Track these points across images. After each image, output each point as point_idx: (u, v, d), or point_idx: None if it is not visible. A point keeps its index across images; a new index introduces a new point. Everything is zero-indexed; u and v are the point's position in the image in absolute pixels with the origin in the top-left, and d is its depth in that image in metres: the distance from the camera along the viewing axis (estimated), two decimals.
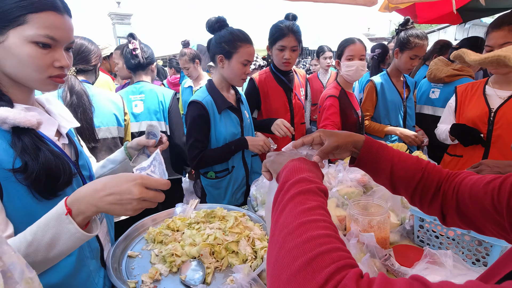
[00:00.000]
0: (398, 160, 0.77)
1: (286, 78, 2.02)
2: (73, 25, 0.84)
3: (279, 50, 1.88)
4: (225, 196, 1.70)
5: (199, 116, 1.56)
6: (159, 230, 1.17)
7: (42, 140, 0.81)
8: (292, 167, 0.61)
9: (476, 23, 8.77)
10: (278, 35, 1.85)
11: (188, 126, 1.60)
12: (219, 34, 1.56)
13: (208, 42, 1.65)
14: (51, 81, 0.81)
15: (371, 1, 1.94)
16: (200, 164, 1.60)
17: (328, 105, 2.03)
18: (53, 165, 0.77)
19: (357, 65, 1.98)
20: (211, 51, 1.62)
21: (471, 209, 0.67)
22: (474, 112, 1.74)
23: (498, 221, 0.61)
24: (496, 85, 1.71)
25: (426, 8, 3.07)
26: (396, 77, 2.30)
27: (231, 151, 1.62)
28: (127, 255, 1.09)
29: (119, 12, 11.84)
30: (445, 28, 12.90)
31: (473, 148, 1.77)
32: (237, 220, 1.18)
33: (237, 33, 1.55)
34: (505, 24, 1.52)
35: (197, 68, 2.92)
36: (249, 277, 0.85)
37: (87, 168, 0.99)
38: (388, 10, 2.74)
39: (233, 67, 1.56)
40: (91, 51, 1.65)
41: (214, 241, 1.06)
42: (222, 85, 1.66)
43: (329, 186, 1.33)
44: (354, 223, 1.08)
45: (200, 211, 1.29)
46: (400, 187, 0.79)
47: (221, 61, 1.57)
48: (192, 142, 1.58)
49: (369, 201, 1.16)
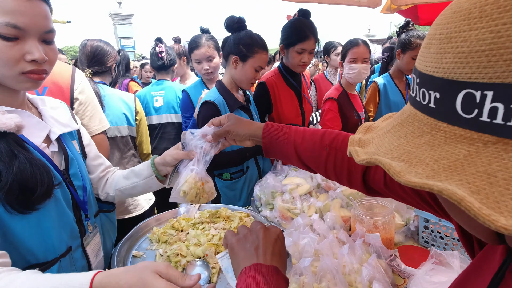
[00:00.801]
0: (302, 141, 0.75)
1: (295, 80, 1.97)
2: (48, 12, 0.73)
3: (298, 53, 1.79)
4: (241, 197, 1.66)
5: (212, 116, 1.53)
6: (163, 230, 1.17)
7: (23, 146, 0.72)
8: (247, 281, 0.53)
9: None
10: (299, 37, 1.76)
11: (201, 126, 1.58)
12: (239, 35, 1.54)
13: (224, 40, 1.62)
14: (25, 77, 0.72)
15: (374, 2, 1.94)
16: (213, 165, 1.58)
17: (326, 110, 2.04)
18: (28, 175, 0.68)
19: (359, 68, 1.99)
20: (226, 50, 1.60)
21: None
22: None
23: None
24: None
25: (427, 9, 3.08)
26: (398, 78, 2.31)
27: (245, 157, 1.60)
28: (132, 255, 1.08)
29: (120, 13, 11.85)
30: None
31: None
32: (241, 220, 1.18)
33: (257, 38, 1.54)
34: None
35: (183, 66, 2.85)
36: None
37: (80, 177, 0.90)
38: (390, 11, 2.74)
39: (246, 71, 1.54)
40: (106, 53, 1.68)
41: (219, 241, 1.06)
42: (232, 86, 1.64)
43: (334, 187, 1.33)
44: (359, 223, 1.08)
45: (204, 211, 1.29)
46: (313, 167, 0.77)
47: (235, 62, 1.55)
48: None
49: (374, 202, 1.16)
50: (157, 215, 1.31)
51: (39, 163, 0.72)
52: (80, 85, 1.26)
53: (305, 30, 1.76)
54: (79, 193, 0.89)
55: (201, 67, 2.02)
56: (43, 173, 0.72)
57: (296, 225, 1.06)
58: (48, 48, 0.74)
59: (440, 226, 1.09)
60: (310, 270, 0.84)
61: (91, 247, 0.93)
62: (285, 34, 1.82)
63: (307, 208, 1.24)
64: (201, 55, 2.00)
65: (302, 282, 0.83)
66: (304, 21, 1.80)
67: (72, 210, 0.86)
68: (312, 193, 1.34)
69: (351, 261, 0.89)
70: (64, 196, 0.82)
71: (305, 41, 1.76)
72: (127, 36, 11.70)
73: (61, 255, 0.81)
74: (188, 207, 1.33)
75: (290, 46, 1.80)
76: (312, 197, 1.31)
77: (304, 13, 1.82)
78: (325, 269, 0.84)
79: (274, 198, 1.32)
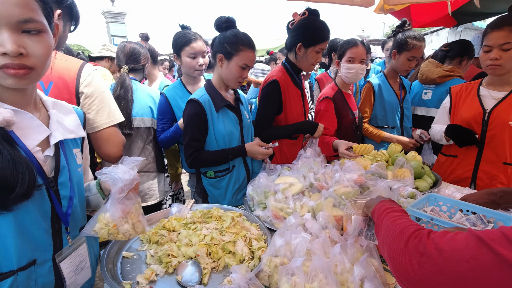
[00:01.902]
0: None
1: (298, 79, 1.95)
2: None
3: (317, 52, 1.77)
4: (226, 196, 1.67)
5: (195, 114, 1.54)
6: (154, 231, 1.16)
7: (10, 142, 0.69)
8: (379, 205, 0.86)
9: (468, 26, 8.94)
10: (321, 37, 1.74)
11: (185, 124, 1.58)
12: (224, 34, 1.55)
13: (213, 40, 1.63)
14: (2, 73, 0.67)
15: (368, 1, 1.94)
16: (195, 163, 1.59)
17: (322, 111, 2.03)
18: (9, 172, 0.65)
19: (357, 68, 1.99)
20: (213, 49, 1.60)
21: None
22: (468, 112, 1.76)
23: None
24: (491, 86, 1.74)
25: (421, 11, 3.10)
26: (393, 78, 2.32)
27: (227, 158, 1.60)
28: (122, 256, 1.07)
29: (113, 11, 11.72)
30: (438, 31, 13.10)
31: (467, 149, 1.79)
32: (234, 220, 1.17)
33: (241, 36, 1.54)
34: (505, 24, 1.54)
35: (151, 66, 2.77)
36: (247, 277, 0.84)
37: (69, 187, 0.85)
38: (383, 12, 2.75)
39: (231, 69, 1.55)
40: (141, 53, 1.96)
41: (210, 241, 1.05)
42: (220, 85, 1.64)
43: (326, 186, 1.33)
44: (351, 222, 1.07)
45: (196, 211, 1.28)
46: None
47: (221, 61, 1.56)
48: (188, 140, 1.56)
49: (366, 201, 1.16)
50: (148, 215, 1.30)
51: (23, 161, 0.69)
52: (87, 79, 1.23)
53: (325, 31, 1.76)
54: (63, 204, 0.84)
55: (196, 62, 1.92)
56: (25, 172, 0.68)
57: (289, 225, 1.05)
58: (30, 40, 0.68)
59: (432, 225, 1.09)
60: (302, 269, 0.84)
61: (68, 262, 0.86)
62: (305, 33, 1.76)
63: (300, 207, 1.24)
64: (198, 49, 1.90)
65: (294, 282, 0.83)
66: (321, 21, 1.77)
67: (50, 221, 0.80)
68: (305, 193, 1.34)
69: (343, 260, 0.89)
70: (40, 205, 0.77)
71: (326, 41, 1.77)
72: (120, 35, 11.57)
73: (19, 268, 0.75)
74: (180, 207, 1.31)
75: (311, 46, 1.75)
76: (305, 196, 1.30)
77: (314, 12, 1.78)
78: (317, 269, 0.84)
79: (266, 198, 1.31)
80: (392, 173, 1.59)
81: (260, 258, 0.99)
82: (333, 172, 1.40)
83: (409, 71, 2.26)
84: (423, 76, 2.41)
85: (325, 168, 1.45)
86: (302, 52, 1.79)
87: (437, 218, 1.06)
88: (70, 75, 1.21)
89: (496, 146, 1.70)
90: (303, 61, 1.82)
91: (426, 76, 2.39)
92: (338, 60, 2.08)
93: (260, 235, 1.13)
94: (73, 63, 1.24)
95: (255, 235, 1.11)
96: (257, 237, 1.10)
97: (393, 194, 1.26)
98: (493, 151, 1.71)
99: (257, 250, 1.03)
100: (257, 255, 1.02)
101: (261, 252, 1.02)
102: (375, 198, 0.96)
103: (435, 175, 1.69)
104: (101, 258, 1.00)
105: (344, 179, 1.30)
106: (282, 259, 0.93)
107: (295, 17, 1.79)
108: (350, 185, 1.29)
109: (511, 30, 1.52)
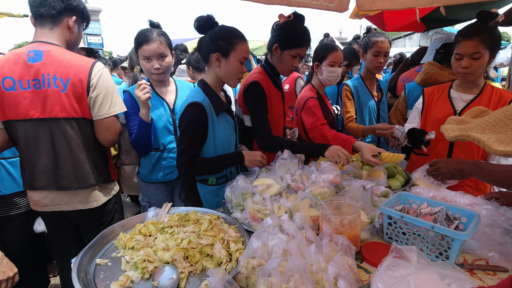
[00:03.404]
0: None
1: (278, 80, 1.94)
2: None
3: (293, 56, 1.77)
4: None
5: (197, 119, 1.47)
6: (130, 236, 1.13)
7: None
8: None
9: (438, 31, 9.43)
10: (298, 42, 1.74)
11: (183, 129, 1.50)
12: (213, 32, 1.49)
13: (199, 42, 1.57)
14: None
15: (342, 7, 2.00)
16: (189, 171, 1.51)
17: (313, 106, 2.02)
18: None
19: (338, 72, 2.05)
20: (204, 50, 1.54)
21: None
22: (440, 113, 1.87)
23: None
24: (460, 89, 1.85)
25: (393, 16, 3.23)
26: (369, 79, 2.40)
27: (225, 164, 1.55)
28: (96, 263, 1.04)
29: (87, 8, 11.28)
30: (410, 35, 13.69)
31: (439, 148, 1.88)
32: (211, 223, 1.17)
33: (233, 30, 1.51)
34: (474, 34, 1.63)
35: None
36: (224, 280, 0.84)
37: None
38: (358, 17, 2.85)
39: (231, 65, 1.50)
40: None
41: (188, 245, 1.04)
42: (216, 86, 1.58)
43: (303, 187, 1.35)
44: (326, 222, 1.10)
45: (173, 215, 1.26)
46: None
47: (217, 60, 1.50)
48: (185, 147, 1.49)
49: (341, 201, 1.20)
50: (123, 220, 1.27)
51: None
52: (96, 75, 1.45)
53: (304, 36, 1.75)
54: None
55: (151, 65, 1.78)
56: None
57: (266, 226, 1.06)
58: None
59: (403, 223, 1.15)
60: (278, 270, 0.85)
61: None
62: (283, 35, 1.76)
63: (277, 208, 1.25)
64: (151, 51, 1.76)
65: (271, 282, 0.84)
66: (303, 26, 1.78)
67: None
68: (282, 194, 1.36)
69: (318, 259, 0.91)
70: None
71: (303, 47, 1.76)
72: (94, 33, 11.15)
73: None
74: (157, 211, 1.29)
75: (286, 49, 1.75)
76: (282, 197, 1.32)
77: (300, 17, 1.79)
78: (292, 269, 0.85)
79: (244, 200, 1.32)
80: (367, 173, 1.65)
81: (237, 260, 1.00)
82: (310, 173, 1.43)
83: (381, 68, 2.31)
84: (431, 79, 2.34)
85: (301, 169, 1.48)
86: (278, 53, 1.79)
87: (407, 215, 1.11)
88: (83, 72, 1.43)
89: (464, 145, 1.80)
90: (278, 63, 1.83)
91: (434, 79, 2.31)
92: (318, 63, 2.11)
93: (238, 237, 1.14)
94: (85, 61, 1.46)
95: (233, 237, 1.11)
96: (235, 239, 1.11)
97: (367, 193, 1.30)
98: (461, 150, 1.81)
99: (235, 252, 1.03)
100: (234, 257, 1.02)
101: (239, 254, 1.02)
102: None
103: (407, 174, 1.77)
104: (73, 266, 0.97)
105: (320, 180, 1.34)
106: (259, 260, 0.94)
107: (280, 18, 1.82)
108: (326, 186, 1.32)
109: (480, 40, 1.61)
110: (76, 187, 1.47)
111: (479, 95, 1.78)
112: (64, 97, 1.40)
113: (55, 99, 1.39)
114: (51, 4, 1.41)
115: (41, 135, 1.42)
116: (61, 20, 1.46)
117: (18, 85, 1.37)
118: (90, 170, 1.50)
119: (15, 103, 1.39)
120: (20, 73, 1.37)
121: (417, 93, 2.48)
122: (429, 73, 2.36)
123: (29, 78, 1.37)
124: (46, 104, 1.39)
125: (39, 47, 1.40)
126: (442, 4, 1.69)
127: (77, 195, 1.50)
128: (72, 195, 1.49)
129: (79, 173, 1.48)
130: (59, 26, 1.46)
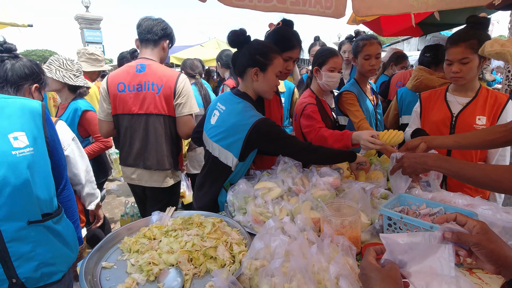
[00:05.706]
0: None
1: None
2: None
3: (285, 60, 1.79)
4: None
5: (278, 126, 1.52)
6: (135, 239, 1.15)
7: None
8: None
9: (435, 35, 9.51)
10: (287, 45, 1.78)
11: (277, 139, 1.49)
12: (251, 46, 1.53)
13: (233, 56, 1.60)
14: None
15: (338, 13, 2.05)
16: (314, 155, 1.50)
17: (312, 112, 2.01)
18: None
19: (337, 77, 2.07)
20: (241, 65, 1.57)
21: None
22: (437, 116, 1.90)
23: None
24: (456, 92, 1.89)
25: (390, 22, 3.29)
26: (363, 83, 2.39)
27: (343, 154, 1.57)
28: (102, 266, 1.06)
29: (88, 17, 11.37)
30: (408, 40, 13.80)
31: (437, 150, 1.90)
32: (214, 226, 1.19)
33: (270, 45, 1.54)
34: (461, 40, 1.68)
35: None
36: (228, 281, 0.86)
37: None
38: (356, 23, 2.90)
39: (269, 79, 1.53)
40: (198, 66, 3.21)
41: (192, 248, 1.07)
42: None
43: (304, 190, 1.38)
44: (327, 224, 1.13)
45: (177, 218, 1.28)
46: None
47: (256, 74, 1.53)
48: (291, 142, 1.50)
49: (341, 203, 1.22)
50: (128, 224, 1.29)
51: None
52: (181, 84, 1.98)
53: (292, 39, 1.79)
54: None
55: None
56: None
57: (268, 228, 1.09)
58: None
59: (402, 224, 1.17)
60: (280, 270, 0.87)
61: None
62: (272, 41, 1.79)
63: (279, 211, 1.28)
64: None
65: (273, 283, 0.86)
66: (291, 30, 1.82)
67: None
68: (284, 197, 1.38)
69: (319, 260, 0.94)
70: None
71: (293, 49, 1.79)
72: (95, 41, 11.27)
73: None
74: (161, 215, 1.31)
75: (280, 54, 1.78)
76: (283, 200, 1.35)
77: (288, 23, 1.84)
78: (295, 269, 0.87)
79: (246, 203, 1.34)
80: (367, 175, 1.67)
81: (241, 262, 1.02)
82: (310, 176, 1.45)
83: (374, 71, 2.27)
84: (421, 84, 2.35)
85: (302, 172, 1.51)
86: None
87: (406, 216, 1.14)
88: (172, 80, 1.96)
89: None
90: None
91: (425, 84, 2.33)
92: (318, 68, 2.10)
93: (240, 239, 1.16)
94: (173, 73, 2.01)
95: (236, 240, 1.13)
96: (237, 241, 1.13)
97: (367, 195, 1.33)
98: (460, 152, 1.84)
99: (238, 254, 1.06)
100: (238, 259, 1.04)
101: (242, 256, 1.04)
102: None
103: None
104: (80, 270, 0.99)
105: (321, 183, 1.36)
106: (262, 261, 0.96)
107: (270, 27, 1.87)
108: (327, 188, 1.35)
109: (467, 46, 1.66)
110: (156, 168, 2.00)
111: (475, 98, 1.81)
112: (157, 98, 1.93)
113: (150, 99, 1.93)
114: (155, 32, 1.96)
115: (137, 125, 1.97)
116: (159, 43, 2.02)
117: (127, 88, 1.94)
118: (167, 156, 2.00)
119: (123, 101, 1.96)
120: (130, 80, 1.94)
121: (410, 98, 2.51)
122: (419, 79, 2.39)
123: (134, 83, 1.94)
124: (144, 103, 1.94)
125: (144, 62, 1.97)
126: (436, 9, 1.74)
127: (154, 174, 2.03)
128: (151, 174, 2.03)
129: (160, 157, 1.99)
130: (157, 47, 2.02)
